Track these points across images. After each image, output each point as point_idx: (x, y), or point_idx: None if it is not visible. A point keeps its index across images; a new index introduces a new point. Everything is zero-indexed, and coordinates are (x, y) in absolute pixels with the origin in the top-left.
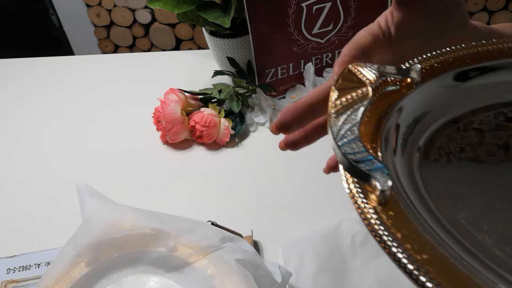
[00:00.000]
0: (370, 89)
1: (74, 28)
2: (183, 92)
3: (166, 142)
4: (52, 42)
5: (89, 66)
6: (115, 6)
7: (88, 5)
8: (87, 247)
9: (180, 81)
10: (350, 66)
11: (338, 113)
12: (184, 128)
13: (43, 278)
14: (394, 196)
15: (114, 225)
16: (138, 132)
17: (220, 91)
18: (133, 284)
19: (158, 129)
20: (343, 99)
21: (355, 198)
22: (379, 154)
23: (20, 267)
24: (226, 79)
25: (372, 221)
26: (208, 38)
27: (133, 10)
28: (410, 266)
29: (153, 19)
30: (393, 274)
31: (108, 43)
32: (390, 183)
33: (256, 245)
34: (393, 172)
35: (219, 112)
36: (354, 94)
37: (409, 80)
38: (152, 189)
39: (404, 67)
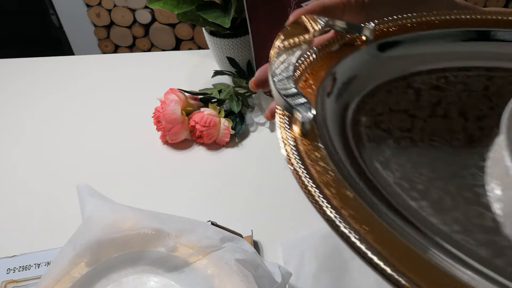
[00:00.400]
0: (312, 36)
1: (74, 28)
2: (183, 92)
3: (166, 142)
4: (52, 42)
5: (89, 66)
6: (115, 6)
7: (88, 5)
8: (87, 247)
9: (180, 81)
10: (302, 16)
11: (279, 54)
12: (184, 128)
13: (43, 278)
14: (315, 130)
15: (114, 225)
16: (138, 132)
17: (220, 91)
18: (133, 284)
19: (158, 129)
20: (286, 42)
21: (280, 127)
22: (314, 97)
23: (20, 267)
24: (226, 79)
25: (288, 147)
26: (208, 38)
27: (133, 10)
28: (307, 183)
29: (153, 19)
30: None
31: (108, 43)
32: (310, 116)
33: (256, 245)
34: (320, 111)
35: (219, 112)
36: (296, 39)
37: (364, 38)
38: (152, 189)
39: (356, 24)
